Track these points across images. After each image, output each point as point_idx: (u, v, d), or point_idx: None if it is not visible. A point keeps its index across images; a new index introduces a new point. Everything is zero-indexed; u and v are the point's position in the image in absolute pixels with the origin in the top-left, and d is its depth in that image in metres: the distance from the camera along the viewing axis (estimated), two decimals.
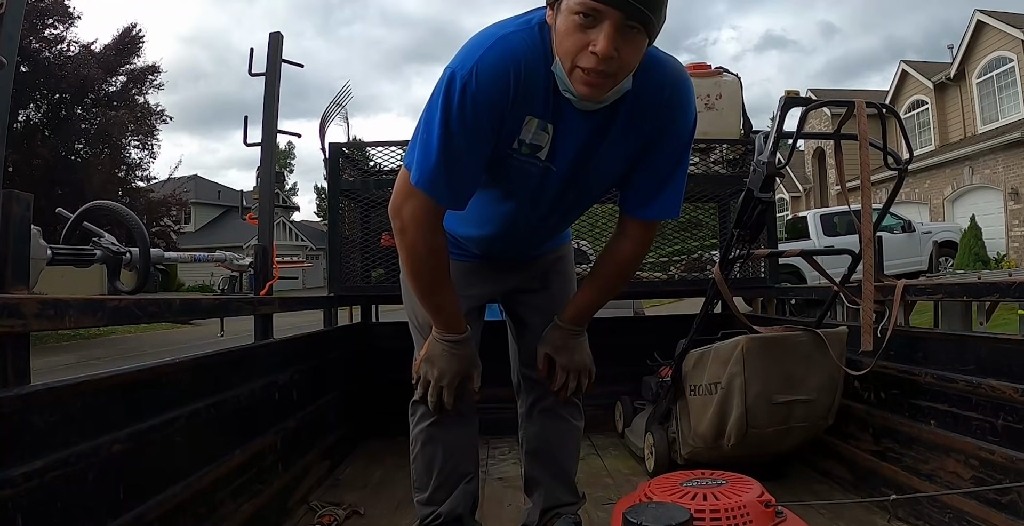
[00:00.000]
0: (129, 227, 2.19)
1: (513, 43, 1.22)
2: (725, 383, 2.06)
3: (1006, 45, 14.05)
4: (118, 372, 1.29)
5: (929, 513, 1.79)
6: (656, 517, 1.10)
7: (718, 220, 3.42)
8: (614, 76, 1.18)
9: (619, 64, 1.15)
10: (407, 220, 1.33)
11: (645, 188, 1.40)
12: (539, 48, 1.23)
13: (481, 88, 1.20)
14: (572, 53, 1.16)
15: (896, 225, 11.06)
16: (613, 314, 4.13)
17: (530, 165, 1.33)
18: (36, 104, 15.12)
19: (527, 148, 1.31)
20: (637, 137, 1.33)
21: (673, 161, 1.38)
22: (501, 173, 1.35)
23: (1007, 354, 1.61)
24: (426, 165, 1.26)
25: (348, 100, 3.26)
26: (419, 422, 1.61)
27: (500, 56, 1.21)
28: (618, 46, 1.12)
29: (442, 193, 1.29)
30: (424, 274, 1.40)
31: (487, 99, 1.21)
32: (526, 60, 1.22)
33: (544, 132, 1.29)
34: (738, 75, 3.17)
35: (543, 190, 1.39)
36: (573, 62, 1.16)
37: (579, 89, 1.19)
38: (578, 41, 1.14)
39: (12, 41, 1.51)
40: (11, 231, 1.14)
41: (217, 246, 14.17)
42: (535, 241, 1.61)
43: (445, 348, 1.47)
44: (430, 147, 1.24)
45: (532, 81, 1.23)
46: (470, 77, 1.19)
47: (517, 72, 1.21)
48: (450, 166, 1.25)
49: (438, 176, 1.26)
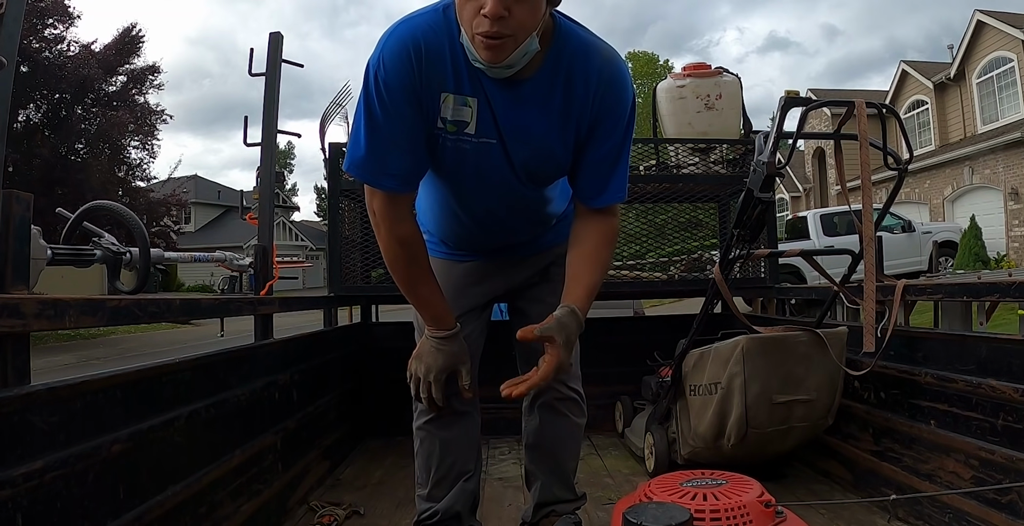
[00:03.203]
0: (129, 227, 2.19)
1: (411, 25, 1.29)
2: (725, 383, 2.07)
3: (1006, 45, 14.06)
4: (118, 372, 1.28)
5: (929, 513, 1.79)
6: (656, 517, 1.10)
7: (718, 220, 3.42)
8: (513, 36, 1.20)
9: (515, 24, 1.19)
10: (378, 214, 1.39)
11: (597, 174, 1.43)
12: (441, 26, 1.28)
13: (389, 72, 1.27)
14: (469, 21, 1.21)
15: (896, 225, 11.06)
16: (613, 314, 4.13)
17: (463, 143, 1.36)
18: (36, 104, 15.12)
19: (451, 125, 1.34)
20: (578, 116, 1.36)
21: (619, 141, 1.41)
22: (440, 155, 1.39)
23: (1007, 354, 1.61)
24: (356, 153, 1.33)
25: (348, 100, 3.26)
26: (418, 418, 1.62)
27: (400, 39, 1.27)
28: (508, 5, 1.16)
29: (378, 177, 1.34)
30: (401, 267, 1.44)
31: (396, 80, 1.27)
32: (425, 38, 1.27)
33: (466, 107, 1.33)
34: (738, 75, 3.17)
35: (487, 166, 1.40)
36: (472, 29, 1.21)
37: (482, 54, 1.23)
38: (472, 8, 1.19)
39: (12, 41, 1.50)
40: (11, 231, 1.14)
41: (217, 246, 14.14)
42: (516, 231, 1.60)
43: (433, 344, 1.48)
44: (358, 136, 1.32)
45: (436, 58, 1.28)
46: (379, 65, 1.27)
47: (417, 50, 1.27)
48: (379, 151, 1.32)
49: (368, 161, 1.32)
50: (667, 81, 3.23)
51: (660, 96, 3.20)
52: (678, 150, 3.13)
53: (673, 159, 3.13)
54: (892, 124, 1.91)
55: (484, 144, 1.36)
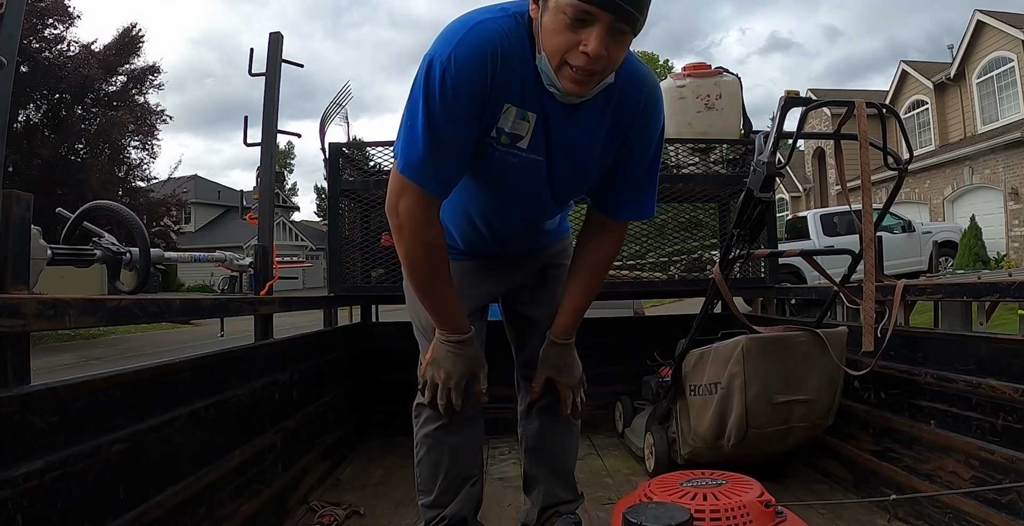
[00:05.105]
0: (129, 227, 2.18)
1: (490, 28, 1.24)
2: (725, 383, 2.06)
3: (1006, 45, 14.05)
4: (118, 372, 1.28)
5: (929, 513, 1.79)
6: (656, 517, 1.10)
7: (718, 220, 3.42)
8: (601, 73, 1.22)
9: (606, 63, 1.19)
10: (403, 216, 1.33)
11: (624, 190, 1.46)
12: (515, 36, 1.25)
13: (460, 73, 1.21)
14: (561, 51, 1.18)
15: (896, 225, 11.05)
16: (613, 314, 4.13)
17: (511, 156, 1.34)
18: (36, 104, 15.12)
19: (506, 137, 1.32)
20: (620, 139, 1.38)
21: (648, 162, 1.44)
22: (483, 165, 1.36)
23: (1007, 354, 1.61)
24: (413, 153, 1.26)
25: (348, 100, 3.26)
26: (424, 425, 1.59)
27: (477, 42, 1.22)
28: (607, 46, 1.16)
29: (430, 181, 1.29)
30: (424, 272, 1.40)
31: (466, 84, 1.22)
32: (503, 46, 1.24)
33: (524, 121, 1.31)
34: (738, 75, 3.17)
35: (527, 183, 1.39)
36: (562, 59, 1.19)
37: (566, 85, 1.22)
38: (568, 39, 1.16)
39: (12, 41, 1.50)
40: (11, 231, 1.14)
41: (217, 246, 14.15)
42: (527, 237, 1.61)
43: (450, 349, 1.46)
44: (415, 135, 1.25)
45: (508, 67, 1.25)
46: (449, 63, 1.20)
47: (494, 57, 1.23)
48: (437, 153, 1.26)
49: (425, 164, 1.27)
50: (667, 81, 3.23)
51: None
52: (678, 150, 3.13)
53: (673, 159, 3.13)
54: (892, 124, 1.91)
55: (532, 160, 1.35)
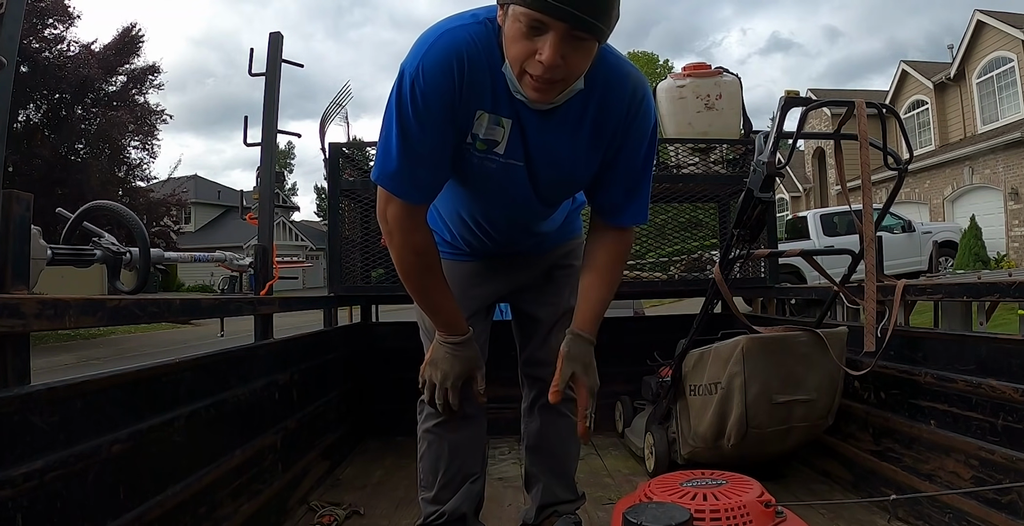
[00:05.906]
0: (129, 227, 2.18)
1: (457, 36, 1.23)
2: (725, 383, 2.06)
3: (1006, 45, 14.05)
4: (118, 372, 1.28)
5: (929, 513, 1.79)
6: (656, 517, 1.10)
7: (718, 220, 3.42)
8: (563, 80, 1.19)
9: (566, 71, 1.17)
10: (391, 223, 1.34)
11: (616, 195, 1.43)
12: (484, 43, 1.24)
13: (429, 83, 1.21)
14: (519, 59, 1.17)
15: (896, 225, 11.05)
16: (613, 314, 4.13)
17: (489, 161, 1.34)
18: (36, 104, 15.10)
19: (481, 143, 1.31)
20: (606, 141, 1.36)
21: (639, 166, 1.40)
22: (464, 171, 1.36)
23: (1007, 354, 1.61)
24: (388, 165, 1.28)
25: (348, 100, 3.26)
26: (426, 421, 1.62)
27: (443, 51, 1.22)
28: (564, 54, 1.13)
29: (408, 190, 1.30)
30: (415, 275, 1.41)
31: (435, 93, 1.22)
32: (469, 54, 1.23)
33: (499, 127, 1.30)
34: (738, 75, 3.17)
35: (510, 186, 1.39)
36: (521, 67, 1.18)
37: (529, 94, 1.21)
38: (524, 48, 1.15)
39: (12, 41, 1.50)
40: (11, 231, 1.14)
41: (217, 246, 14.17)
42: (524, 238, 1.61)
43: (448, 350, 1.47)
44: (390, 146, 1.27)
45: (477, 74, 1.24)
46: (417, 74, 1.21)
47: (461, 65, 1.22)
48: (411, 163, 1.27)
49: (401, 174, 1.28)
50: (667, 81, 3.23)
51: (660, 96, 3.20)
52: (678, 150, 3.13)
53: (673, 159, 3.13)
54: (892, 124, 1.91)
55: (511, 165, 1.35)
